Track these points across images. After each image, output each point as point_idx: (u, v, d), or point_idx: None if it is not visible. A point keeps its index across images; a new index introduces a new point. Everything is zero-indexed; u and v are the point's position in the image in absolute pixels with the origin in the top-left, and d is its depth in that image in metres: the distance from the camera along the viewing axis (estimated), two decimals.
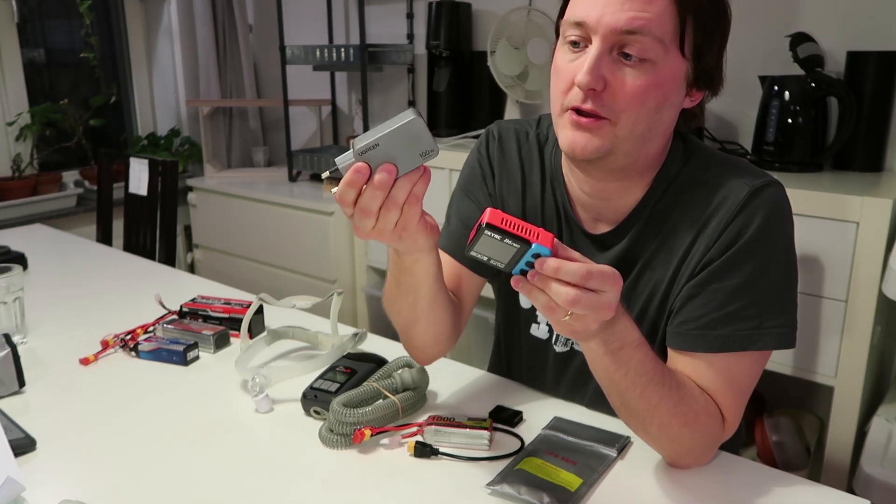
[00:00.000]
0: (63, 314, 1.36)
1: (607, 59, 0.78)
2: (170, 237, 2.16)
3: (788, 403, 1.91)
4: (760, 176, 0.85)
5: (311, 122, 3.04)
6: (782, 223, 0.84)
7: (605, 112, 0.80)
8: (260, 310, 1.27)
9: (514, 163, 1.01)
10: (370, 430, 0.88)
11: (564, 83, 0.82)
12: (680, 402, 0.79)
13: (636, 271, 0.90)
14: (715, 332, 0.82)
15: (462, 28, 2.37)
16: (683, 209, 0.87)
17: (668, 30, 0.78)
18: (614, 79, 0.79)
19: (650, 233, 0.89)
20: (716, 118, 1.97)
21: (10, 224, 2.39)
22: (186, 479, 0.85)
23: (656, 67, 0.79)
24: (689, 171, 0.89)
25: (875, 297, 1.43)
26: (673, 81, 0.81)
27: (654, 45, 0.77)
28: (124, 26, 3.22)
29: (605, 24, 0.77)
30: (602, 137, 0.81)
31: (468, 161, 1.06)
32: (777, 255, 0.83)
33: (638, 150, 0.84)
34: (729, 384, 0.83)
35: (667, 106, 0.82)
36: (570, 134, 0.82)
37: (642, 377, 0.76)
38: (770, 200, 0.83)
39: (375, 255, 2.36)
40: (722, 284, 0.82)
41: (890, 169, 1.74)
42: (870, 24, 1.73)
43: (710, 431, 0.82)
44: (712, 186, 0.86)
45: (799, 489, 0.82)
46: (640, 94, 0.79)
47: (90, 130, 2.97)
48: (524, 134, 1.02)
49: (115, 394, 1.05)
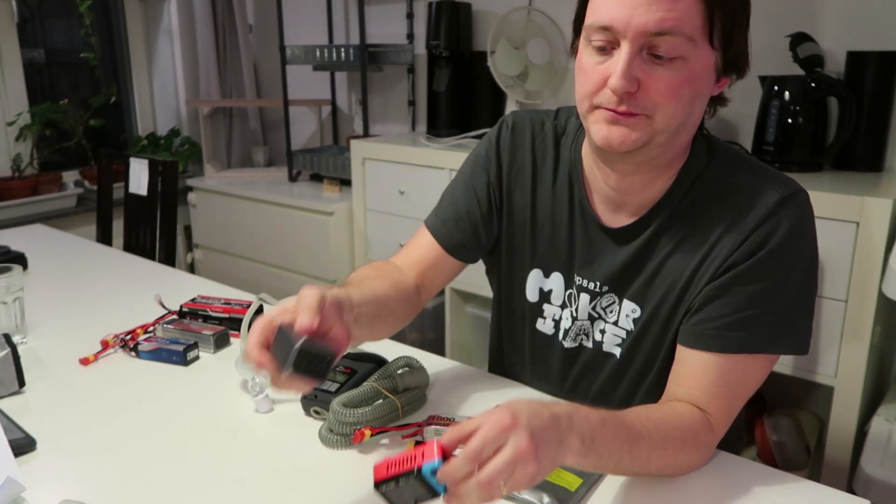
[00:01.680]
0: (63, 314, 1.36)
1: (638, 59, 0.78)
2: (170, 237, 2.16)
3: (788, 403, 1.91)
4: (789, 183, 0.86)
5: (311, 122, 3.04)
6: (808, 232, 0.84)
7: (639, 110, 0.80)
8: (260, 310, 1.26)
9: (526, 153, 1.01)
10: (370, 431, 0.88)
11: (593, 84, 0.82)
12: (666, 439, 0.79)
13: (655, 264, 0.90)
14: (731, 334, 0.83)
15: (462, 28, 2.37)
16: (710, 209, 0.87)
17: (698, 25, 0.78)
18: (647, 78, 0.79)
19: (674, 228, 0.89)
20: (716, 118, 1.97)
21: (10, 224, 2.39)
22: (186, 479, 0.85)
23: (687, 63, 0.79)
24: (716, 170, 0.89)
25: (875, 298, 1.43)
26: (704, 73, 0.81)
27: (684, 43, 0.77)
28: (124, 26, 3.22)
29: (634, 26, 0.77)
30: (639, 130, 0.81)
31: (478, 146, 1.06)
32: (800, 263, 0.84)
33: (670, 142, 0.84)
34: (729, 387, 0.84)
35: (699, 98, 0.83)
36: (606, 129, 0.82)
37: (624, 445, 0.74)
38: (798, 209, 0.84)
39: (376, 255, 2.36)
40: (744, 288, 0.83)
41: (890, 169, 1.74)
42: (870, 24, 1.73)
43: (701, 443, 0.84)
44: (741, 190, 0.86)
45: (799, 489, 0.82)
46: (674, 90, 0.79)
47: (90, 130, 2.97)
48: (539, 124, 1.01)
49: (115, 394, 1.05)
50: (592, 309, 0.96)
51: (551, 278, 0.99)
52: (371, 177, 2.30)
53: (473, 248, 1.04)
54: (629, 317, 0.93)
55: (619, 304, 0.94)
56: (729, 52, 0.82)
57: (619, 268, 0.93)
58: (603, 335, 0.96)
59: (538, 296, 1.01)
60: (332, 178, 2.61)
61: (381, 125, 2.83)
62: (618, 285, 0.94)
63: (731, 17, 0.80)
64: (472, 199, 1.02)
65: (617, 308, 0.94)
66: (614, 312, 0.95)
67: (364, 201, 2.34)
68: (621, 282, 0.93)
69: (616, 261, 0.93)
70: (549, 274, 0.99)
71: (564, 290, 0.99)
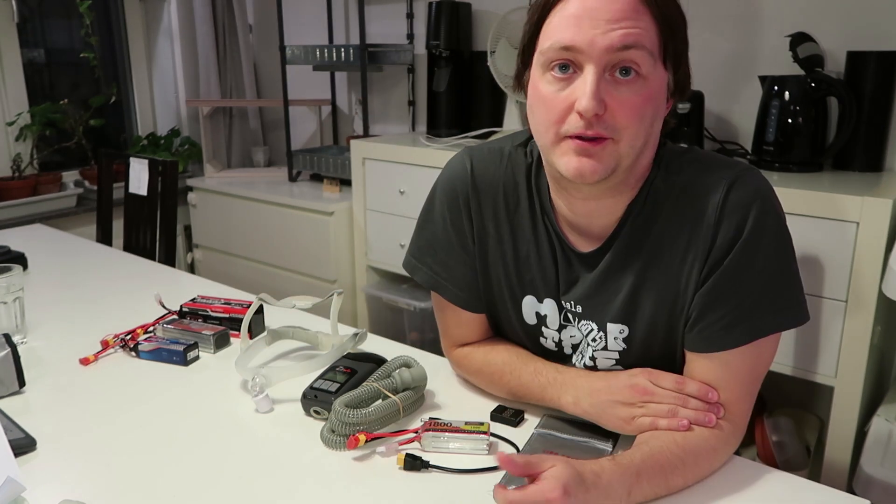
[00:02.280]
0: (63, 314, 1.36)
1: (603, 81, 0.78)
2: (170, 237, 2.16)
3: (788, 403, 1.91)
4: (732, 167, 0.86)
5: (311, 122, 3.04)
6: (768, 205, 0.84)
7: (608, 132, 0.80)
8: (260, 310, 1.27)
9: (495, 188, 0.98)
10: (365, 436, 0.88)
11: (557, 113, 0.81)
12: (698, 458, 0.83)
13: (631, 282, 0.90)
14: (738, 327, 0.84)
15: (462, 28, 2.37)
16: (666, 217, 0.87)
17: (655, 42, 0.80)
18: (612, 99, 0.79)
19: (634, 246, 0.89)
20: (716, 118, 1.97)
21: (10, 224, 2.39)
22: (186, 478, 0.85)
23: (647, 82, 0.80)
24: (664, 177, 0.89)
25: (875, 297, 1.43)
26: (661, 93, 0.83)
27: (646, 59, 0.78)
28: (124, 26, 3.22)
29: (598, 45, 0.77)
30: (607, 158, 0.81)
31: (439, 203, 1.02)
32: (774, 239, 0.84)
33: (634, 164, 0.85)
34: (743, 378, 0.86)
35: (657, 117, 0.84)
36: (575, 161, 0.81)
37: (661, 485, 0.80)
38: (749, 187, 0.84)
39: (376, 255, 2.36)
40: (733, 283, 0.84)
41: (890, 169, 1.74)
42: (870, 24, 1.73)
43: (728, 442, 0.86)
44: (688, 189, 0.86)
45: (799, 489, 0.82)
46: (639, 110, 0.80)
47: (90, 130, 2.97)
48: (497, 154, 0.99)
49: (115, 394, 1.05)
50: (581, 332, 0.96)
51: (545, 304, 0.98)
52: (371, 177, 2.30)
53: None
54: (618, 339, 0.93)
55: (604, 331, 0.93)
56: (678, 72, 0.84)
57: (589, 291, 0.92)
58: (595, 361, 0.96)
59: (535, 319, 0.99)
60: (332, 178, 2.61)
61: (381, 125, 2.83)
62: (595, 311, 0.93)
63: (681, 38, 0.83)
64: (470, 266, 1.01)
65: (602, 335, 0.93)
66: (599, 340, 0.94)
67: (364, 201, 2.34)
68: (599, 307, 0.92)
69: (586, 284, 0.92)
70: (542, 300, 0.98)
71: (559, 314, 0.97)
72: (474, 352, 1.04)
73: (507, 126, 2.20)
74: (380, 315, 2.42)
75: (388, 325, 2.41)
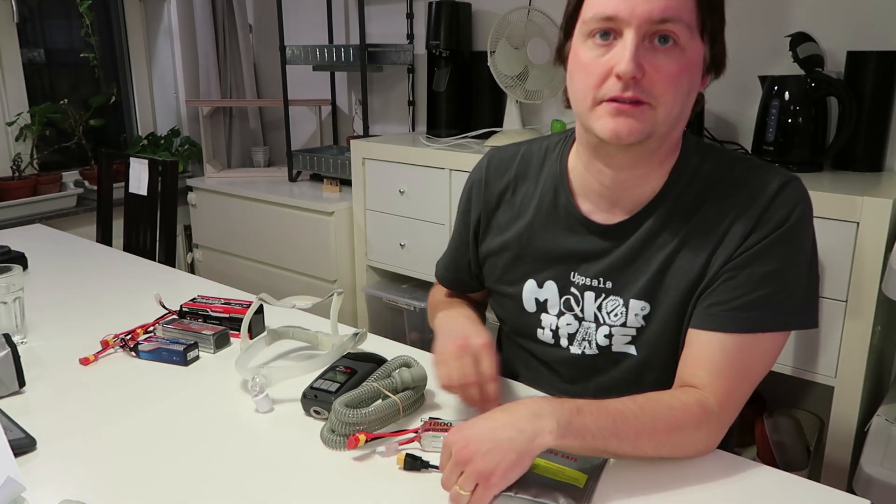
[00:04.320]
0: (63, 314, 1.36)
1: (642, 47, 0.81)
2: (170, 237, 2.16)
3: (788, 403, 1.91)
4: (785, 172, 0.90)
5: (311, 122, 3.04)
6: (810, 215, 0.89)
7: (645, 97, 0.82)
8: (260, 310, 1.27)
9: (508, 176, 1.05)
10: (364, 436, 0.88)
11: (595, 78, 0.84)
12: (655, 418, 0.81)
13: (661, 260, 0.91)
14: (745, 314, 0.85)
15: (462, 28, 2.37)
16: (714, 203, 0.90)
17: (693, 16, 0.83)
18: (650, 65, 0.82)
19: (674, 224, 0.91)
20: (716, 118, 1.98)
21: (10, 224, 2.39)
22: (186, 478, 0.85)
23: (685, 53, 0.83)
24: (713, 167, 0.92)
25: (875, 297, 1.43)
26: (697, 65, 0.86)
27: (684, 31, 0.82)
28: (124, 26, 3.22)
29: (638, 14, 0.80)
30: (644, 121, 0.83)
31: (464, 188, 1.12)
32: (806, 243, 0.88)
33: (668, 134, 0.87)
34: (735, 367, 0.86)
35: (692, 89, 0.86)
36: (612, 121, 0.84)
37: (606, 426, 0.79)
38: (800, 192, 0.88)
39: (375, 254, 2.36)
40: (755, 270, 0.86)
41: (890, 169, 1.74)
42: (870, 24, 1.73)
43: (702, 424, 0.84)
44: (742, 184, 0.89)
45: (799, 489, 0.82)
46: (675, 77, 0.83)
47: (90, 130, 2.97)
48: (515, 146, 1.07)
49: (115, 394, 1.05)
50: (598, 308, 0.96)
51: (545, 288, 1.00)
52: (371, 177, 2.30)
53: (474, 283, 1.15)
54: (638, 315, 0.94)
55: (626, 306, 0.94)
56: (714, 47, 0.87)
57: (618, 263, 0.94)
58: (610, 339, 0.96)
59: (535, 306, 1.02)
60: (332, 178, 2.61)
61: (381, 125, 2.84)
62: (619, 283, 0.94)
63: (719, 14, 0.86)
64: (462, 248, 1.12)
65: (623, 310, 0.94)
66: (620, 315, 0.95)
67: (364, 201, 2.34)
68: (623, 279, 0.94)
69: (614, 257, 0.94)
70: (542, 284, 1.00)
71: (560, 296, 0.99)
72: (439, 291, 1.21)
73: (507, 126, 2.20)
74: (380, 315, 2.43)
75: (388, 325, 2.41)
